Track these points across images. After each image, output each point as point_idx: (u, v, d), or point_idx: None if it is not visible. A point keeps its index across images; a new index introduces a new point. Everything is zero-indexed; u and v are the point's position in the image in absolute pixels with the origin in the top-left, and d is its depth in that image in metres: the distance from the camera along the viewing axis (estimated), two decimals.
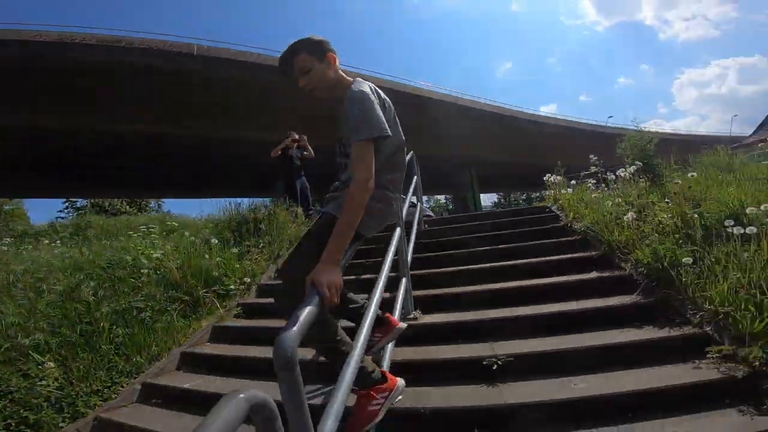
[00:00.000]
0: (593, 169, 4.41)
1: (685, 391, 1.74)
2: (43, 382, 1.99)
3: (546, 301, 2.63)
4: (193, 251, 3.48)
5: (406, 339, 2.23)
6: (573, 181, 4.73)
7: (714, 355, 1.89)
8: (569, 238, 3.57)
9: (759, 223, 2.25)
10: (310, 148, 6.16)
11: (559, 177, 4.78)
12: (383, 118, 1.44)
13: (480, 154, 22.92)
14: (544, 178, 4.98)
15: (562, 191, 4.47)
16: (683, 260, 2.29)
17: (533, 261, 3.25)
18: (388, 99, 1.62)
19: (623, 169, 3.96)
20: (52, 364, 2.05)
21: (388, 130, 1.45)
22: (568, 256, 3.23)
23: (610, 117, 52.47)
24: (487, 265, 3.31)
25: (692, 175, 3.40)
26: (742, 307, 1.94)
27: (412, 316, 2.64)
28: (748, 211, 2.34)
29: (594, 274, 2.87)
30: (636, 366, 1.94)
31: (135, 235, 4.14)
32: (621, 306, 2.45)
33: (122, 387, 2.19)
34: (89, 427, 1.98)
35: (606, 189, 4.13)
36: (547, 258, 3.24)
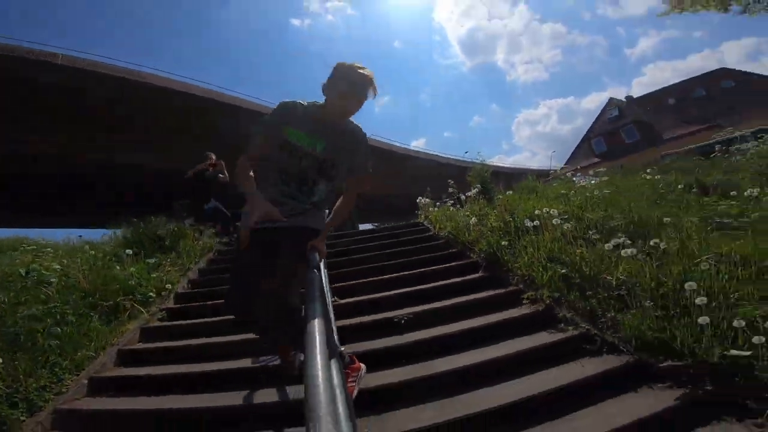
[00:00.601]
0: (451, 190, 5.85)
1: (509, 323, 2.79)
2: None
3: (422, 284, 3.60)
4: (100, 264, 3.46)
5: None
6: (438, 203, 6.09)
7: (526, 301, 3.06)
8: (437, 242, 4.76)
9: (542, 219, 3.68)
10: (225, 171, 6.26)
11: (428, 200, 6.11)
12: None
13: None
14: (418, 200, 6.25)
15: (431, 209, 5.76)
16: (503, 245, 3.58)
17: (412, 258, 4.29)
18: None
19: (470, 192, 5.44)
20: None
21: None
22: (437, 254, 4.37)
23: (466, 152, 61.56)
24: (378, 264, 4.21)
25: (510, 194, 5.01)
26: (538, 269, 3.19)
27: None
28: (536, 212, 3.78)
29: (455, 263, 4.02)
30: (477, 315, 2.93)
31: (25, 250, 3.76)
32: (471, 280, 3.59)
33: (69, 383, 2.26)
34: (50, 419, 2.06)
35: (460, 207, 5.53)
36: (420, 256, 4.33)
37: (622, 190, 4.76)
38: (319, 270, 1.52)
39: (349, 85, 1.65)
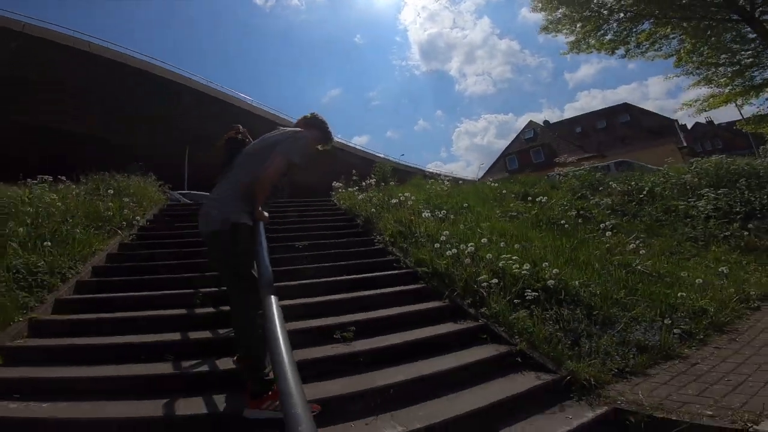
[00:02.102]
0: (354, 179, 7.79)
1: (369, 250, 4.75)
2: None
3: (328, 249, 5.42)
4: (86, 200, 4.88)
5: None
6: (348, 188, 7.99)
7: (378, 242, 5.03)
8: (338, 211, 6.67)
9: (402, 200, 5.73)
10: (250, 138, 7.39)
11: (340, 185, 7.98)
12: None
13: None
14: (333, 184, 8.10)
15: (341, 191, 7.65)
16: (372, 212, 5.58)
17: (319, 217, 6.14)
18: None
19: (370, 181, 7.42)
20: None
21: None
22: (337, 217, 6.27)
23: (402, 155, 64.70)
24: (297, 218, 5.99)
25: (392, 185, 7.12)
26: (387, 226, 5.18)
27: None
28: (401, 196, 5.83)
29: (345, 222, 5.94)
30: (353, 246, 4.89)
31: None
32: (354, 231, 5.51)
33: (80, 267, 3.71)
34: (74, 286, 3.50)
35: (363, 192, 7.50)
36: (325, 217, 6.19)
37: (465, 191, 7.05)
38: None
39: (327, 136, 2.60)
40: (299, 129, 2.50)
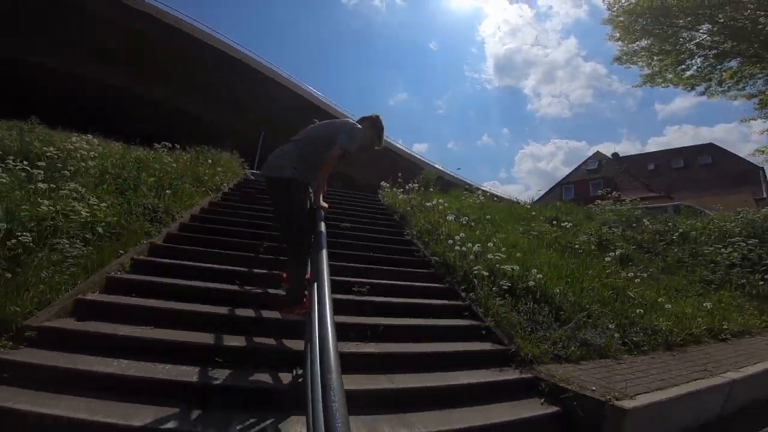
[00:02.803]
0: (399, 181, 8.76)
1: (399, 240, 5.71)
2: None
3: (365, 233, 6.48)
4: (190, 163, 6.41)
5: None
6: (394, 189, 8.99)
7: (407, 234, 5.96)
8: (381, 206, 7.69)
9: (436, 205, 6.59)
10: None
11: (387, 184, 9.01)
12: None
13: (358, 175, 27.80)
14: (381, 184, 9.14)
15: (386, 190, 8.67)
16: (408, 210, 6.51)
17: (364, 210, 7.20)
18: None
19: (413, 185, 8.37)
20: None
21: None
22: (378, 211, 7.29)
23: (458, 169, 64.48)
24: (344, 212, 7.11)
25: (431, 191, 7.98)
26: (418, 224, 6.07)
27: None
28: (435, 202, 6.70)
29: (384, 216, 6.93)
30: (388, 234, 5.88)
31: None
32: (389, 223, 6.49)
33: (183, 214, 5.09)
34: (179, 225, 4.89)
35: (406, 193, 8.46)
36: (369, 213, 7.24)
37: (497, 207, 7.77)
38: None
39: (380, 139, 3.17)
40: (358, 125, 2.97)
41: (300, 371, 2.30)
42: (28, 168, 4.20)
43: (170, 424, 1.91)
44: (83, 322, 2.74)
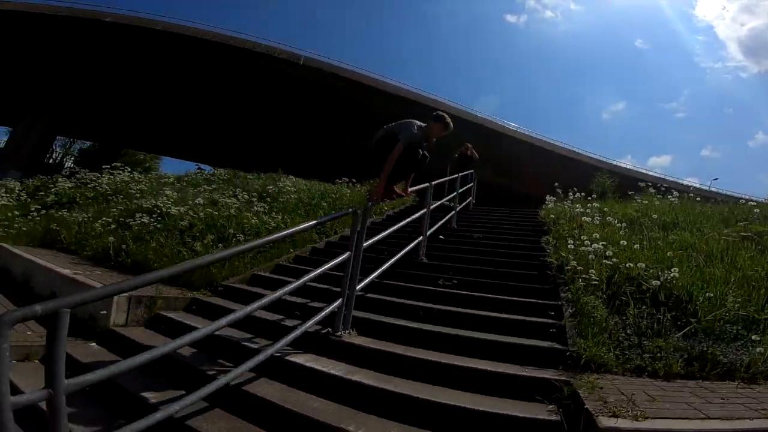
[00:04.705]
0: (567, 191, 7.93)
1: (529, 272, 5.45)
2: None
3: (521, 232, 6.37)
4: (360, 194, 8.12)
5: None
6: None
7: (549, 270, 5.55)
8: (536, 220, 7.28)
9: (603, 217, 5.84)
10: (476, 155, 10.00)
11: (552, 198, 8.35)
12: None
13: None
14: (547, 197, 8.56)
15: (550, 205, 8.07)
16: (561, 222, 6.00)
17: (523, 221, 7.04)
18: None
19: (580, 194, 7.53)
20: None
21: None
22: (530, 225, 6.96)
23: (715, 179, 49.06)
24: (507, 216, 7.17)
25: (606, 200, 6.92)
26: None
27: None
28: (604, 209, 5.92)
29: (534, 230, 6.59)
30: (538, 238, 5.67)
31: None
32: (530, 245, 6.17)
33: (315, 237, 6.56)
34: (310, 249, 6.32)
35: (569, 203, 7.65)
36: (520, 223, 7.01)
37: (690, 210, 6.10)
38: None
39: (447, 128, 4.04)
40: (417, 122, 3.87)
41: None
42: (254, 198, 6.50)
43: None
44: (252, 286, 4.14)
